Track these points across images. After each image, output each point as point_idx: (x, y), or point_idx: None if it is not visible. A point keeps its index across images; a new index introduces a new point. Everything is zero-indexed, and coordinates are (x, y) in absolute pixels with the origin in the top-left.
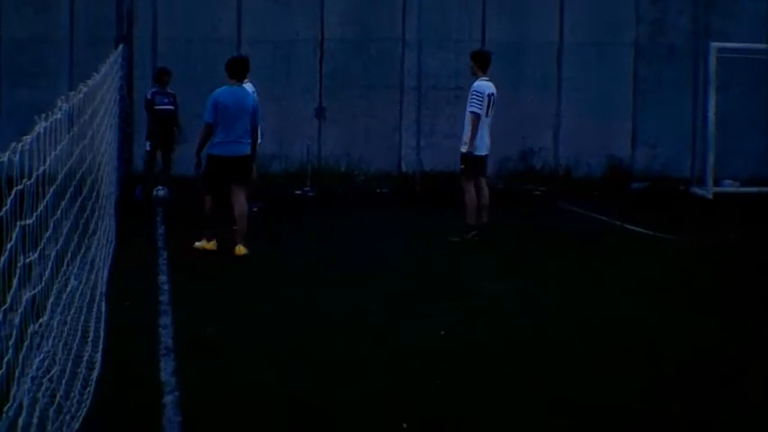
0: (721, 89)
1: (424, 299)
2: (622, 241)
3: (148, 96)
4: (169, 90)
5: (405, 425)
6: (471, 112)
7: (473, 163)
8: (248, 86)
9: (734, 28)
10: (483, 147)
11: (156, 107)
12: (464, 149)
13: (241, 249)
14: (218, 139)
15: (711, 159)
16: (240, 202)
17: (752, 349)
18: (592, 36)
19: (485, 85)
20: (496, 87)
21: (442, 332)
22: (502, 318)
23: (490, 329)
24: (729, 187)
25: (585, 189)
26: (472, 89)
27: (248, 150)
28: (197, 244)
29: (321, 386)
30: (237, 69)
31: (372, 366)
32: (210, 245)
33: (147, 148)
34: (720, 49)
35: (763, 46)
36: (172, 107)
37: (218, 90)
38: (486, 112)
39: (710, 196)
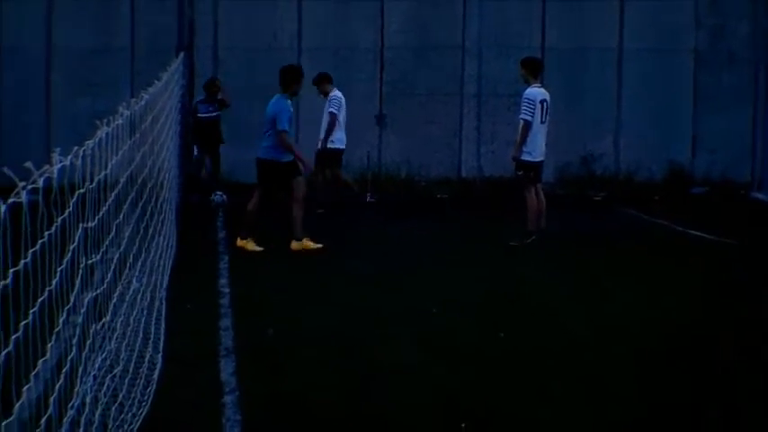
0: None
1: (480, 303)
2: (684, 246)
3: (193, 105)
4: (220, 97)
5: (463, 425)
6: (522, 119)
7: (528, 169)
8: (337, 92)
9: None
10: (538, 153)
11: (199, 115)
12: (513, 155)
13: (294, 245)
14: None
15: None
16: (292, 203)
17: None
18: (651, 42)
19: (536, 92)
20: (556, 93)
21: (501, 334)
22: (559, 323)
23: (548, 334)
24: None
25: (646, 194)
26: (523, 96)
27: (269, 155)
28: (238, 242)
29: (377, 389)
30: (280, 79)
31: (430, 370)
32: (249, 244)
33: (195, 154)
34: None
35: None
36: (215, 114)
37: None
38: (542, 119)
39: None
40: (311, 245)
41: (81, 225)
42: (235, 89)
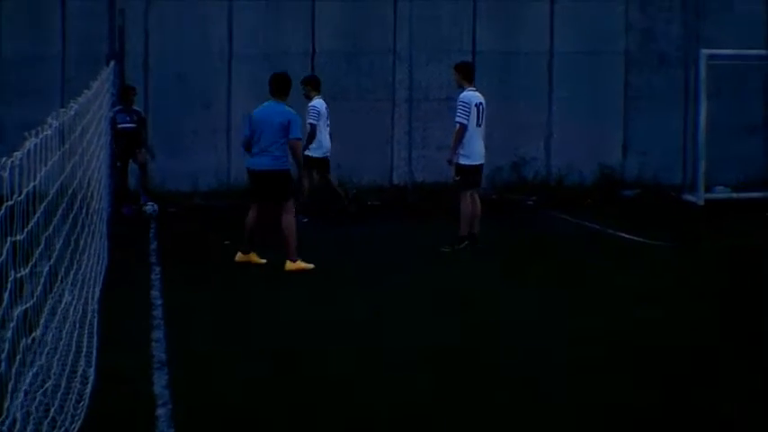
0: (712, 96)
1: (415, 309)
2: (614, 248)
3: (111, 115)
4: (135, 108)
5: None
6: (457, 122)
7: (467, 173)
8: (317, 102)
9: (724, 35)
10: (477, 156)
11: (119, 126)
12: (449, 158)
13: (290, 266)
14: (251, 153)
15: (703, 166)
16: (285, 220)
17: (740, 347)
18: (582, 45)
19: (471, 96)
20: (487, 98)
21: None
22: (494, 326)
23: (484, 337)
24: (721, 194)
25: (577, 198)
26: (458, 99)
27: (273, 164)
28: (237, 257)
29: (314, 401)
30: (271, 86)
31: (367, 380)
32: (252, 257)
33: (118, 165)
34: (711, 56)
35: (753, 52)
36: (134, 125)
37: (260, 106)
38: (478, 122)
39: (702, 203)
40: (304, 265)
41: (9, 239)
42: (165, 96)
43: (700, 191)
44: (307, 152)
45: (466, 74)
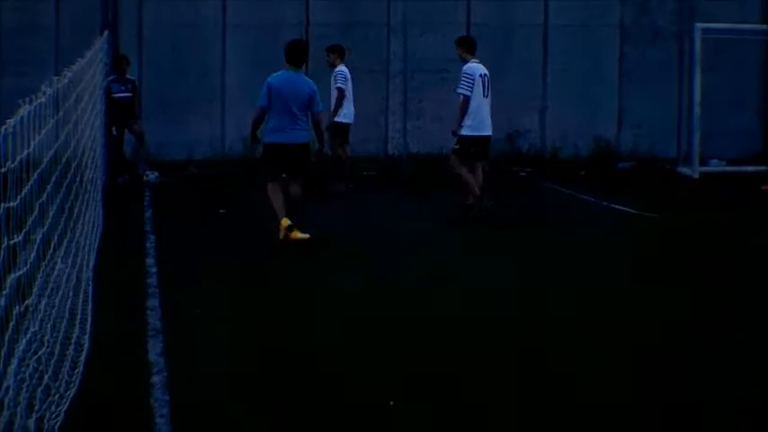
0: (706, 69)
1: (411, 279)
2: (606, 220)
3: (105, 85)
4: (129, 77)
5: (391, 402)
6: (461, 94)
7: (466, 144)
8: (343, 67)
9: (719, 8)
10: (483, 127)
11: (114, 95)
12: (453, 129)
13: (297, 234)
14: (271, 126)
15: (697, 139)
16: (294, 189)
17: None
18: (577, 18)
19: (475, 67)
20: None
21: (433, 311)
22: (485, 296)
23: (475, 307)
24: (716, 167)
25: (572, 170)
26: (462, 71)
27: (305, 138)
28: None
29: (307, 367)
30: (291, 54)
31: (357, 348)
32: (283, 221)
33: (115, 134)
34: (705, 30)
35: (747, 26)
36: (129, 95)
37: (274, 75)
38: (484, 93)
39: (697, 176)
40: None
41: (2, 205)
42: (160, 66)
43: (694, 164)
44: (336, 118)
45: (468, 47)
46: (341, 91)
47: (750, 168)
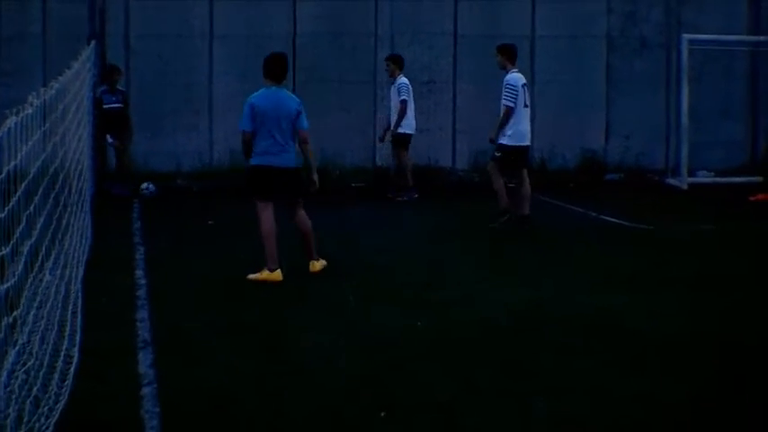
0: (694, 80)
1: (393, 290)
2: (596, 232)
3: (97, 95)
4: (119, 88)
5: (383, 413)
6: (504, 105)
7: (507, 153)
8: (405, 79)
9: (706, 19)
10: (522, 137)
11: (105, 106)
12: (490, 137)
13: (316, 266)
14: (257, 150)
15: (685, 150)
16: (302, 218)
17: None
18: (564, 29)
19: (517, 77)
20: (469, 82)
21: (419, 323)
22: (474, 309)
23: (464, 320)
24: (704, 178)
25: (560, 181)
26: (505, 82)
27: (296, 160)
28: (251, 276)
29: (297, 379)
30: (271, 68)
31: (348, 356)
32: (275, 275)
33: (110, 142)
34: (692, 41)
35: (734, 37)
36: (120, 105)
37: (254, 94)
38: (525, 103)
39: (685, 187)
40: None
41: None
42: (147, 77)
43: (683, 175)
44: (400, 129)
45: (510, 55)
46: (405, 103)
47: (739, 179)
